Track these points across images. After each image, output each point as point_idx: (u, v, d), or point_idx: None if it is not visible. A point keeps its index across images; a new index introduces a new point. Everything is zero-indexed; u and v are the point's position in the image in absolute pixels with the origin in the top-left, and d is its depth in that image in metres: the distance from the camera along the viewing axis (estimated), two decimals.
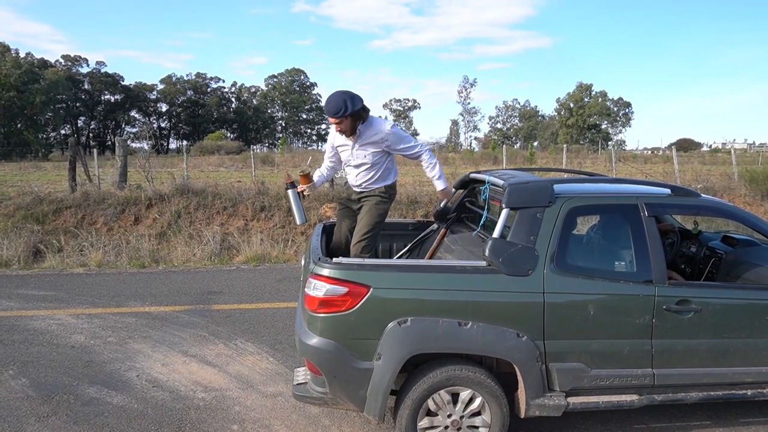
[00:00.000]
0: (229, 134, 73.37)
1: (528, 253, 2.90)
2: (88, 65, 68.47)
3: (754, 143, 64.38)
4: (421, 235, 4.49)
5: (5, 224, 9.47)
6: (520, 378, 2.90)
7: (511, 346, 2.83)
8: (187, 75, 74.96)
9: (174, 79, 73.08)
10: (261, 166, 25.24)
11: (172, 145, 73.07)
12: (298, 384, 3.14)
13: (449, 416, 2.91)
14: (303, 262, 3.71)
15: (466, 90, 78.35)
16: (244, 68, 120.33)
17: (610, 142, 66.20)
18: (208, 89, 76.61)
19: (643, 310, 2.96)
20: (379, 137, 3.70)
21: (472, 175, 4.19)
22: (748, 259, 3.73)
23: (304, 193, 3.98)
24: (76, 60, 67.81)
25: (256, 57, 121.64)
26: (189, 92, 74.48)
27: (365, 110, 3.65)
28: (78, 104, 66.50)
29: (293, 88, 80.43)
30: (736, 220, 3.41)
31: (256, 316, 5.53)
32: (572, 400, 2.95)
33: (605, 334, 2.96)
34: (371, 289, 2.78)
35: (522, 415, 2.96)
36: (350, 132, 3.66)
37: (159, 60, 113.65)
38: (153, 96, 72.27)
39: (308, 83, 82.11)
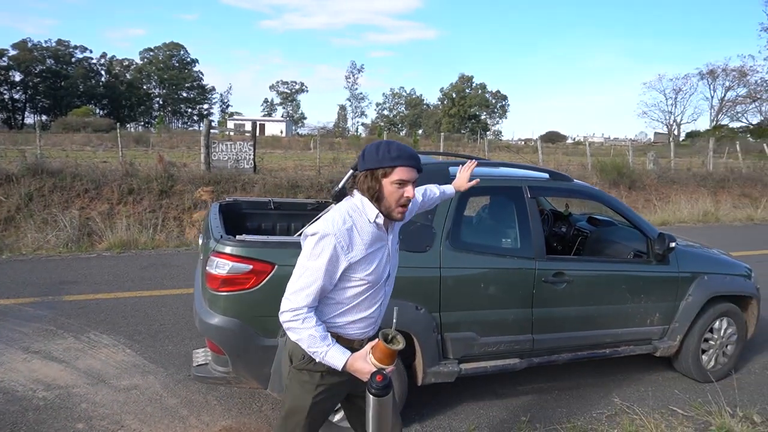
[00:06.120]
0: (98, 110, 67.06)
1: (426, 230, 3.06)
2: None
3: (609, 137, 72.09)
4: (320, 215, 4.49)
5: None
6: (418, 349, 3.06)
7: (411, 319, 2.97)
8: (46, 41, 67.02)
9: (30, 44, 64.91)
10: (134, 146, 23.45)
11: (29, 120, 65.15)
12: (198, 365, 3.05)
13: None
14: (200, 242, 3.58)
15: (353, 76, 78.67)
16: (119, 40, 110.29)
17: (488, 132, 70.24)
18: (73, 59, 69.10)
19: (525, 282, 3.28)
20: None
21: None
22: (609, 237, 4.32)
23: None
24: None
25: (133, 28, 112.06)
26: (49, 61, 66.62)
27: None
28: None
29: (172, 64, 75.21)
30: (601, 203, 3.88)
31: (114, 306, 5.15)
32: (464, 366, 3.21)
33: (494, 304, 3.23)
34: (276, 267, 2.76)
35: (419, 383, 3.15)
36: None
37: (14, 23, 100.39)
38: (3, 62, 63.65)
39: (188, 59, 77.22)
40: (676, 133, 61.32)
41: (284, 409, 1.97)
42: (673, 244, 3.65)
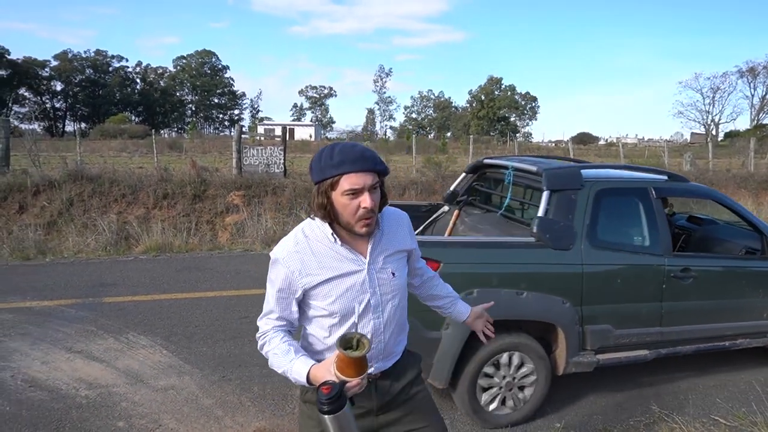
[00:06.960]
0: (133, 117, 68.89)
1: (569, 230, 3.25)
2: None
3: (643, 138, 70.46)
4: (433, 216, 4.79)
5: None
6: (563, 340, 3.23)
7: (558, 312, 3.17)
8: (85, 52, 69.32)
9: (70, 55, 67.29)
10: (168, 151, 24.02)
11: (69, 128, 67.42)
12: None
13: (504, 377, 3.25)
14: None
15: (381, 79, 78.92)
16: (153, 48, 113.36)
17: (518, 134, 69.42)
18: (110, 68, 71.28)
19: (656, 277, 3.44)
20: (407, 228, 1.80)
21: (486, 161, 4.53)
22: (716, 235, 4.44)
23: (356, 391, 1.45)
24: None
25: (166, 37, 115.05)
26: (88, 71, 68.89)
27: None
28: None
29: (204, 71, 76.82)
30: (716, 201, 3.95)
31: (151, 307, 5.29)
32: (600, 357, 3.38)
33: (628, 298, 3.39)
34: (442, 264, 2.96)
35: (560, 373, 3.31)
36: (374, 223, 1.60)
37: (55, 35, 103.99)
38: (46, 73, 66.11)
39: (220, 66, 78.76)
40: (714, 133, 59.55)
41: None
42: None
